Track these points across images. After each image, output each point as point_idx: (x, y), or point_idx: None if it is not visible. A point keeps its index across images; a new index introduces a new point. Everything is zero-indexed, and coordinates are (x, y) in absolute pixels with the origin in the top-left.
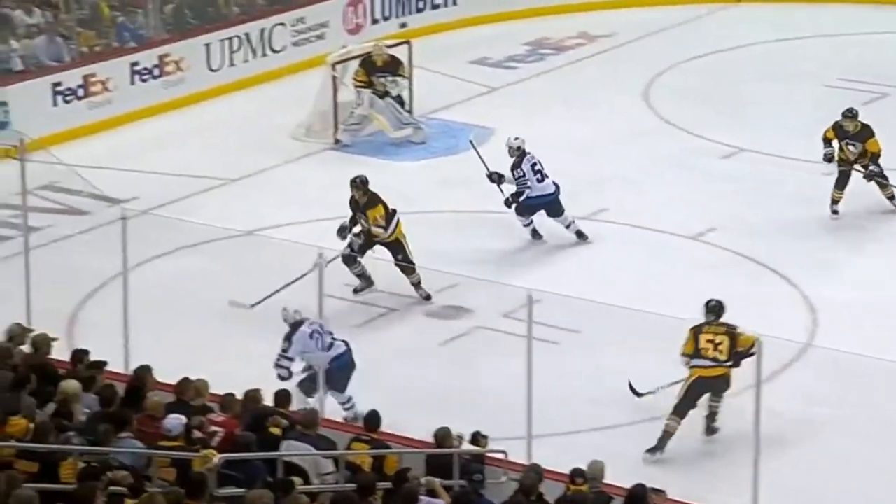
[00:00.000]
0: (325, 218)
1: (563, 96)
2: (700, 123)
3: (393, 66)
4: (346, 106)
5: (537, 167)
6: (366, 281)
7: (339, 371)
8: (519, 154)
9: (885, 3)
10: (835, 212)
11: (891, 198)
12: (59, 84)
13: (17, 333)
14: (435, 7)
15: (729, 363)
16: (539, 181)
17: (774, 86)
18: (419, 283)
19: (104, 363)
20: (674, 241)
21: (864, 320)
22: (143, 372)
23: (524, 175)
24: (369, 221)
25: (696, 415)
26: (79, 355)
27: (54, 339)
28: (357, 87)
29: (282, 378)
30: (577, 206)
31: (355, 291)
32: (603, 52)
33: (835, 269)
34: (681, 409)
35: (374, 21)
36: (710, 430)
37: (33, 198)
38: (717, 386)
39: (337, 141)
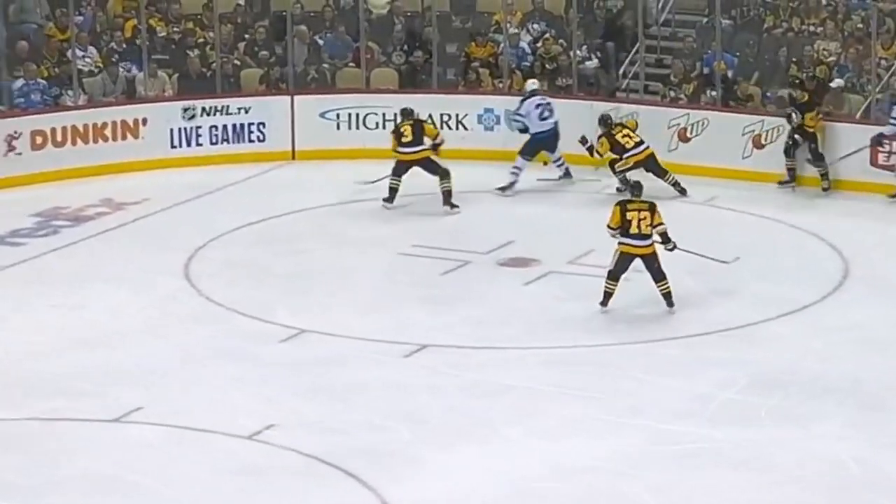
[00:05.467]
0: None
1: (84, 276)
2: (254, 302)
3: None
4: None
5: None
6: None
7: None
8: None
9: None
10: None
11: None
12: None
13: None
14: None
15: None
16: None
17: (338, 255)
18: None
19: None
20: (225, 442)
21: None
22: None
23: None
24: None
25: None
26: None
27: None
28: None
29: (521, 130)
30: (101, 406)
31: None
32: (132, 222)
33: (414, 466)
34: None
35: None
36: None
37: None
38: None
39: None
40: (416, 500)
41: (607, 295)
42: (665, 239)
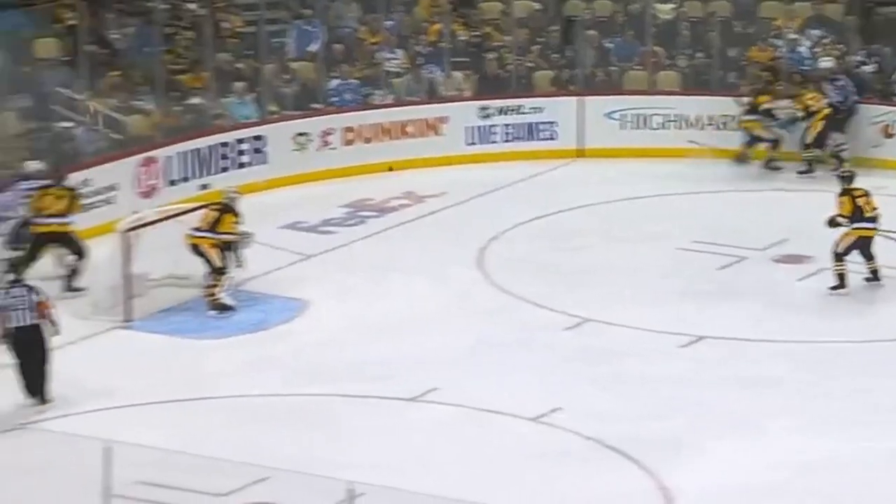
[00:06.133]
0: (113, 406)
1: (387, 264)
2: (541, 292)
3: None
4: (139, 279)
5: None
6: None
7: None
8: None
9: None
10: None
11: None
12: None
13: None
14: (241, 166)
15: None
16: None
17: (621, 249)
18: None
19: None
20: (512, 423)
21: None
22: None
23: None
24: None
25: None
26: None
27: None
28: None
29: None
30: (401, 387)
31: None
32: (431, 214)
33: (692, 453)
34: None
35: (171, 183)
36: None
37: None
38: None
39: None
40: (693, 487)
41: (842, 276)
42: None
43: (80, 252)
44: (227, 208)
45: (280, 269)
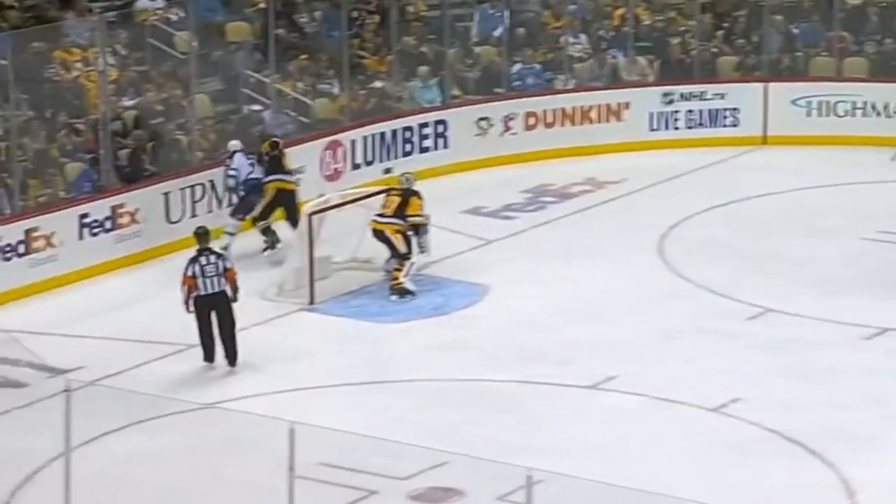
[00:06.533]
0: (297, 388)
1: (567, 250)
2: (722, 281)
3: None
4: (323, 262)
5: None
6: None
7: None
8: None
9: None
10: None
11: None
12: None
13: None
14: (424, 150)
15: None
16: None
17: (804, 239)
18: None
19: None
20: (692, 413)
21: None
22: None
23: None
24: None
25: None
26: None
27: None
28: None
29: None
30: (581, 373)
31: None
32: (612, 200)
33: (875, 446)
34: None
35: (355, 166)
36: None
37: None
38: None
39: (312, 301)
40: (877, 481)
41: None
42: None
43: (295, 218)
44: (410, 192)
45: (461, 254)
